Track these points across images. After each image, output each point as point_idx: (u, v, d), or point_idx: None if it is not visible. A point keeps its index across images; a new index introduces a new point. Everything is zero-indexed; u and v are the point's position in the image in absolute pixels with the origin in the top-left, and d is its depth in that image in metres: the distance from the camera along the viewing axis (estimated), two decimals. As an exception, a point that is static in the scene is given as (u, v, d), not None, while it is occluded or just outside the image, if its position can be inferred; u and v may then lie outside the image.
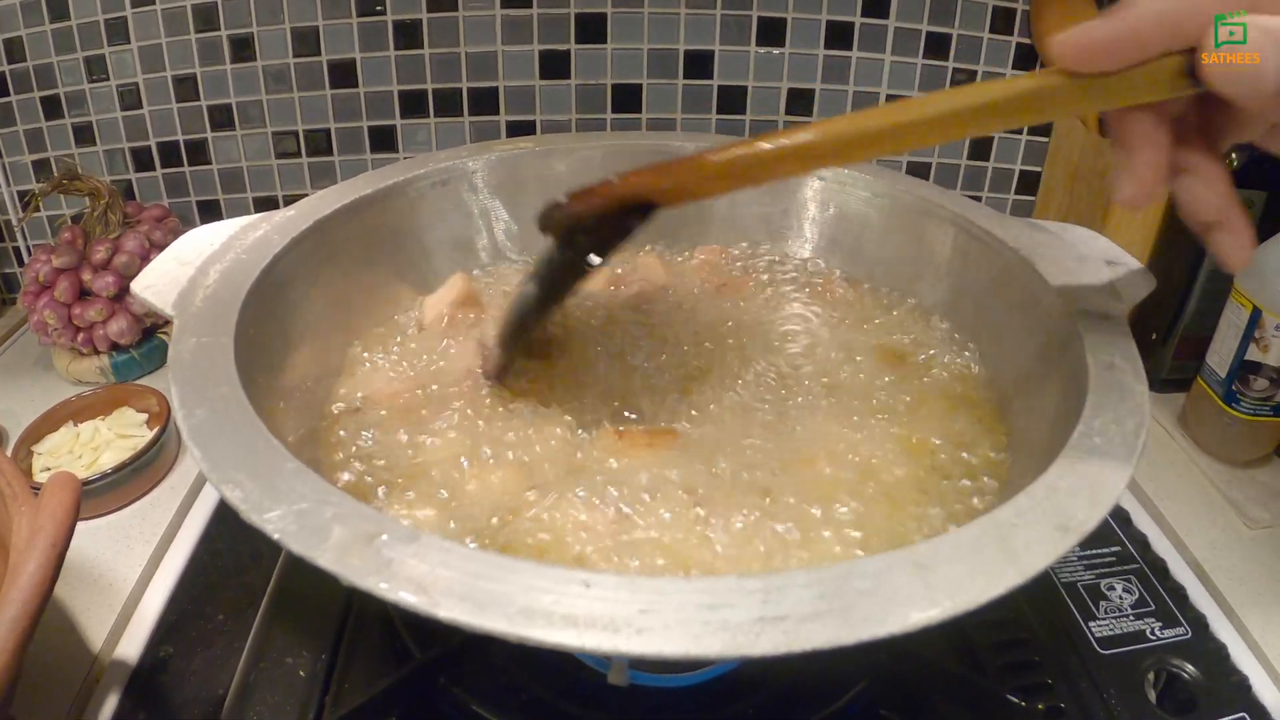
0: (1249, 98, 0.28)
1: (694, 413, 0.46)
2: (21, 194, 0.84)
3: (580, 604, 0.25)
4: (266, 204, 0.86)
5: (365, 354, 0.51)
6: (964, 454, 0.44)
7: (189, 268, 0.44)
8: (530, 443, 0.44)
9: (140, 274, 0.43)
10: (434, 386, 0.48)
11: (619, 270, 0.59)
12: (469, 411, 0.46)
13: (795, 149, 0.34)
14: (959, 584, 0.26)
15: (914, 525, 0.39)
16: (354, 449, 0.44)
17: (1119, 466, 0.32)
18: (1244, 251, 0.33)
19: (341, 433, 0.45)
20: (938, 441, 0.45)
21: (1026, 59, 0.80)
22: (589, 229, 0.40)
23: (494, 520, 0.39)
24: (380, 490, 0.41)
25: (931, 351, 0.52)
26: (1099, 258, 0.47)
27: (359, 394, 0.48)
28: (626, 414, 0.46)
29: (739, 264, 0.61)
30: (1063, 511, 0.29)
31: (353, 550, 0.27)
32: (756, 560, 0.36)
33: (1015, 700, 0.46)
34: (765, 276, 0.60)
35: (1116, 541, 0.59)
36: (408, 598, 0.25)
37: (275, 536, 0.27)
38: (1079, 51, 0.30)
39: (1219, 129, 0.33)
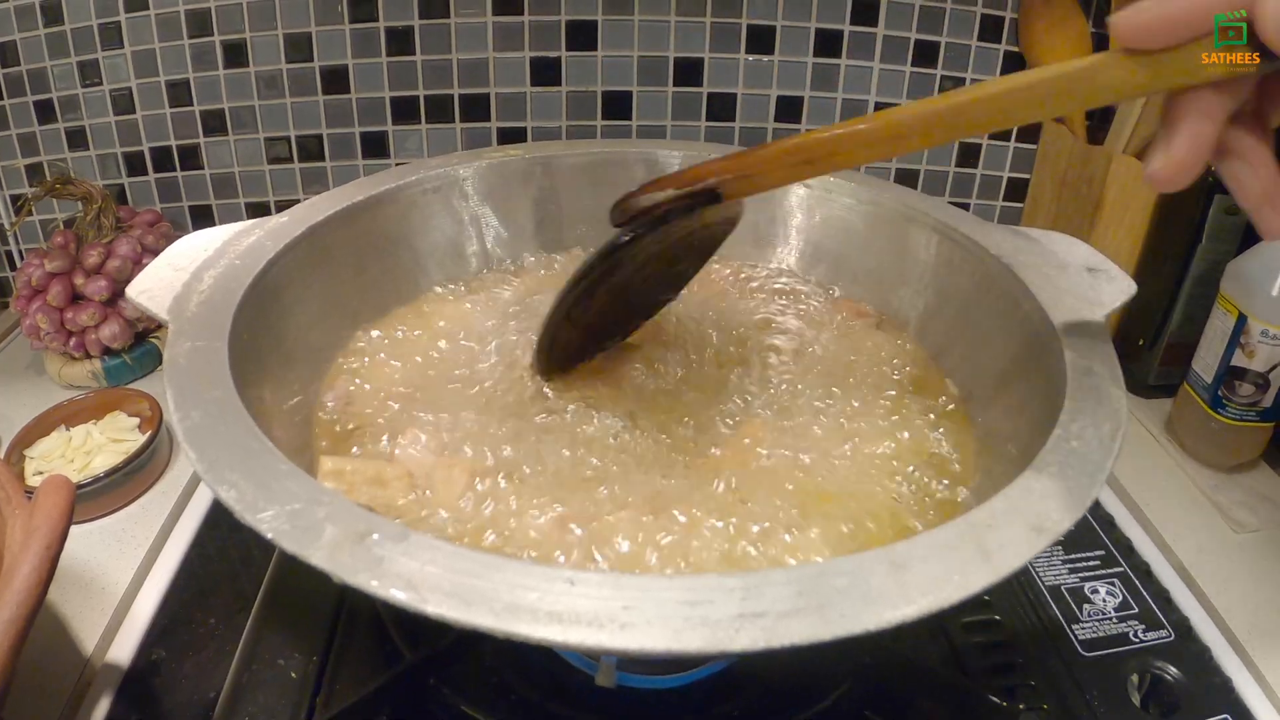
0: None
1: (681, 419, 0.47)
2: (14, 198, 0.84)
3: (565, 601, 0.25)
4: (259, 209, 0.87)
5: (356, 359, 0.52)
6: (939, 462, 0.45)
7: (183, 273, 0.44)
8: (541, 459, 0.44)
9: (135, 279, 0.43)
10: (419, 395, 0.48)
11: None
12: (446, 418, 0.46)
13: (852, 135, 0.35)
14: (933, 582, 0.26)
15: (889, 535, 0.40)
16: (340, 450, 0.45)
17: (1095, 469, 0.32)
18: None
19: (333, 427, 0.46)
20: (911, 449, 0.45)
21: (1014, 66, 0.81)
22: (657, 219, 0.40)
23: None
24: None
25: (912, 357, 0.53)
26: (1080, 264, 0.47)
27: (348, 398, 0.48)
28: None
29: (726, 272, 0.62)
30: (1038, 513, 0.30)
31: (344, 549, 0.27)
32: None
33: (997, 701, 0.47)
34: (751, 284, 0.60)
35: (1100, 545, 0.60)
36: (398, 594, 0.25)
37: (269, 536, 0.28)
38: (1137, 28, 0.28)
39: (1271, 108, 0.31)
